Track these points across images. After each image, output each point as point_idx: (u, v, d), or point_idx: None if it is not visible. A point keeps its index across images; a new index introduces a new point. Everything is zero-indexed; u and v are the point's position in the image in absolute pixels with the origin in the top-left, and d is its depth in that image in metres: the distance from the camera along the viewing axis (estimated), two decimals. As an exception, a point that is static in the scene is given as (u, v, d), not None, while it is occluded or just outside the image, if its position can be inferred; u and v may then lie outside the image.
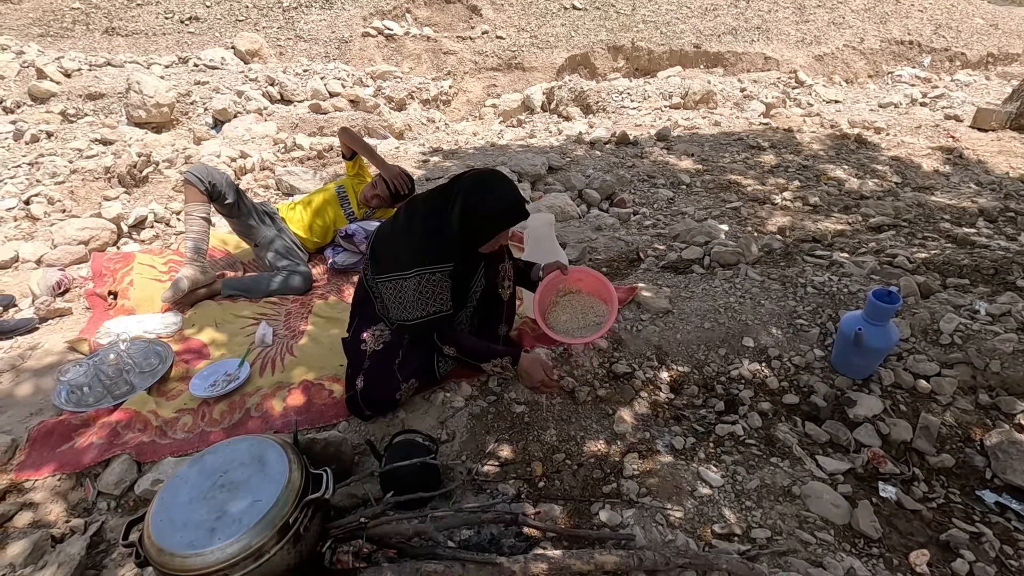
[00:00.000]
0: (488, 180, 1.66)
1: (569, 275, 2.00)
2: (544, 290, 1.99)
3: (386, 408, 1.81)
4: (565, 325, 1.99)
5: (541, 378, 1.79)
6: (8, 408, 1.90)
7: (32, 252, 2.89)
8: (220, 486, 1.19)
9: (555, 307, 2.06)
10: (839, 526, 1.52)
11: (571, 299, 2.06)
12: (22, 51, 7.11)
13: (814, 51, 8.70)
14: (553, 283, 2.00)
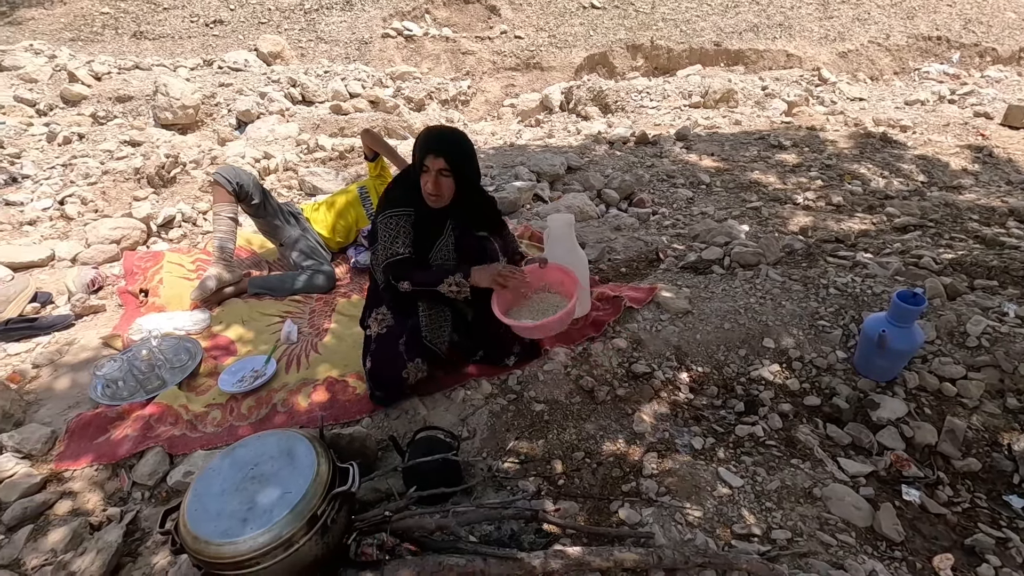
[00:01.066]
0: (436, 125, 1.82)
1: (547, 271, 1.93)
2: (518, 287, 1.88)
3: (394, 388, 1.86)
4: (520, 315, 1.91)
5: (494, 274, 1.74)
6: (47, 401, 1.98)
7: (67, 251, 2.99)
8: (251, 478, 1.24)
9: (525, 301, 1.96)
10: (861, 528, 1.51)
11: (543, 298, 1.97)
12: (54, 55, 7.33)
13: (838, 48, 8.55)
14: (531, 278, 1.92)
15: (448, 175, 1.72)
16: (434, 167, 1.71)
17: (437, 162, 1.70)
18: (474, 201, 1.90)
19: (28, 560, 1.43)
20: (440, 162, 1.70)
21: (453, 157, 1.71)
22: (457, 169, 1.73)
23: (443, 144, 1.72)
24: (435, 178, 1.71)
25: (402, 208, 1.80)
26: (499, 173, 4.02)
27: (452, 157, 1.71)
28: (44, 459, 1.73)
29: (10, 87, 6.17)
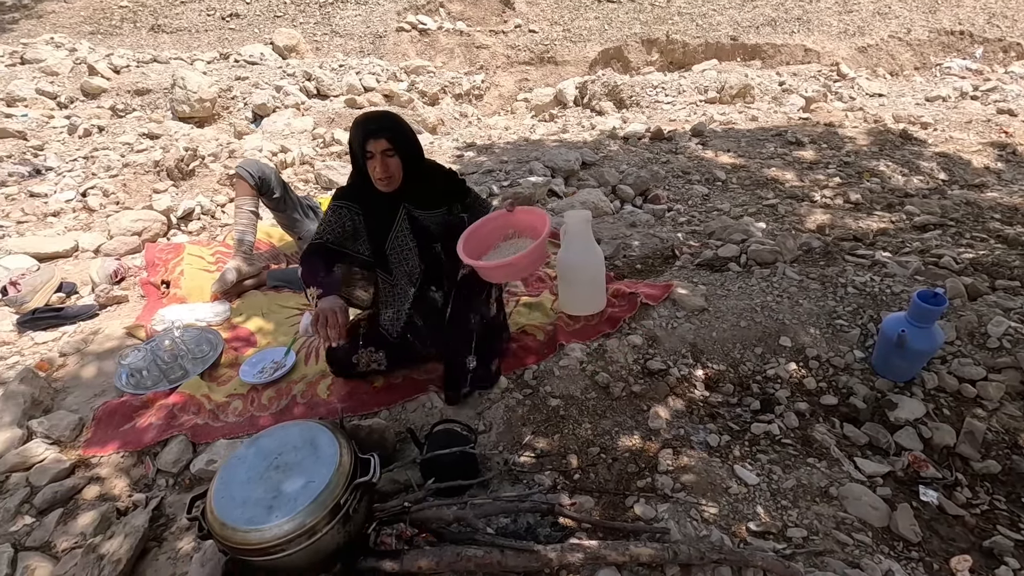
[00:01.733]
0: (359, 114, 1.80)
1: (515, 215, 1.87)
2: (488, 231, 1.87)
3: (344, 369, 1.97)
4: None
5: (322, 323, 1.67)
6: (74, 389, 2.03)
7: (90, 242, 3.04)
8: (276, 467, 1.27)
9: (494, 250, 1.91)
10: (877, 528, 1.51)
11: (512, 244, 1.91)
12: (75, 48, 7.43)
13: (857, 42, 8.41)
14: (499, 224, 1.88)
15: (392, 154, 1.72)
16: (377, 149, 1.71)
17: (379, 143, 1.70)
18: (425, 177, 1.88)
19: (59, 543, 1.48)
20: (382, 143, 1.70)
21: (394, 135, 1.72)
22: (400, 146, 1.73)
23: (380, 125, 1.72)
24: (381, 160, 1.71)
25: (349, 202, 1.84)
26: (514, 168, 4.03)
27: (392, 135, 1.72)
28: (72, 445, 1.78)
29: (32, 80, 6.27)
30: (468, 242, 1.78)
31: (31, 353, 2.25)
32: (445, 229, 1.90)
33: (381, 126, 1.72)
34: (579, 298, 2.19)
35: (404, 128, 1.78)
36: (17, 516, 1.54)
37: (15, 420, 1.79)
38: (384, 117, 1.77)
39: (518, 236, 1.92)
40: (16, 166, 3.96)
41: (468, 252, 1.74)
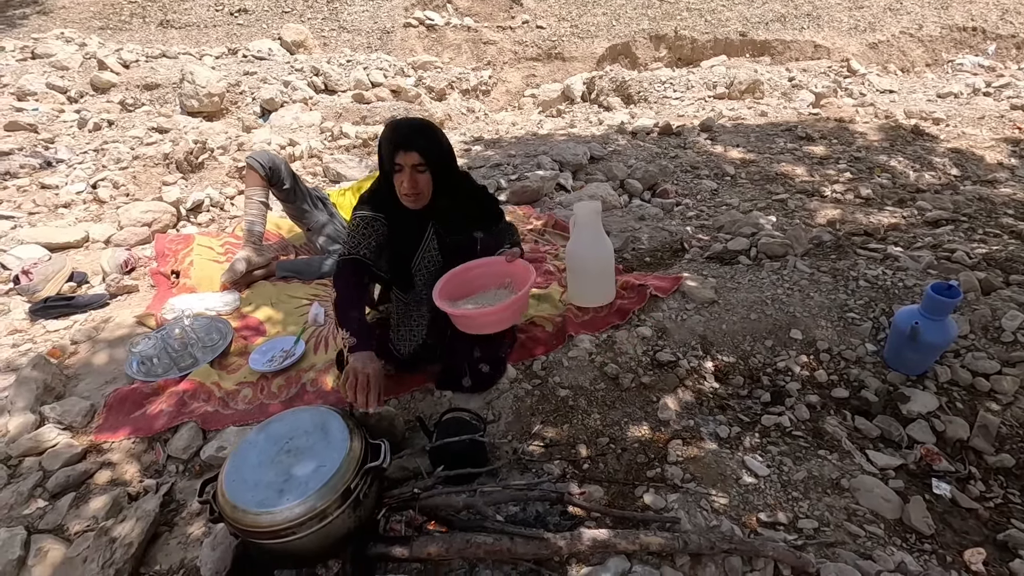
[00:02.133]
0: (392, 120, 1.68)
1: (512, 266, 1.78)
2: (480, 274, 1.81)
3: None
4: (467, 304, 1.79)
5: (351, 383, 1.49)
6: (86, 376, 2.04)
7: (101, 233, 3.06)
8: (287, 451, 1.27)
9: (482, 294, 1.85)
10: (889, 520, 1.49)
11: (499, 294, 1.85)
12: (84, 43, 7.47)
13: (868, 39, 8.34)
14: (496, 270, 1.81)
15: (424, 170, 1.60)
16: (407, 163, 1.58)
17: (410, 157, 1.57)
18: (457, 195, 1.75)
19: (71, 526, 1.49)
20: (413, 156, 1.57)
21: (427, 150, 1.58)
22: (433, 162, 1.60)
23: (414, 137, 1.58)
24: (410, 175, 1.58)
25: (377, 213, 1.70)
26: (521, 162, 4.02)
27: (426, 150, 1.58)
28: (84, 431, 1.79)
29: (43, 74, 6.31)
30: (447, 284, 1.72)
31: (43, 341, 2.27)
32: (469, 253, 1.81)
33: (414, 138, 1.58)
34: (588, 289, 2.18)
35: (439, 141, 1.64)
36: (30, 499, 1.55)
37: (28, 405, 1.80)
38: (419, 128, 1.62)
39: (511, 287, 1.84)
40: (28, 158, 3.99)
41: (450, 291, 1.70)
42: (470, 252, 1.82)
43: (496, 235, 1.88)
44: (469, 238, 1.82)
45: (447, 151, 1.68)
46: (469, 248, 1.82)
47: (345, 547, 1.27)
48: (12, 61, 6.74)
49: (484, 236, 1.84)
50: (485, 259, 1.80)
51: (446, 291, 1.74)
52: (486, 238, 1.85)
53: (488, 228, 1.88)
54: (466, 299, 1.81)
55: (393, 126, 1.62)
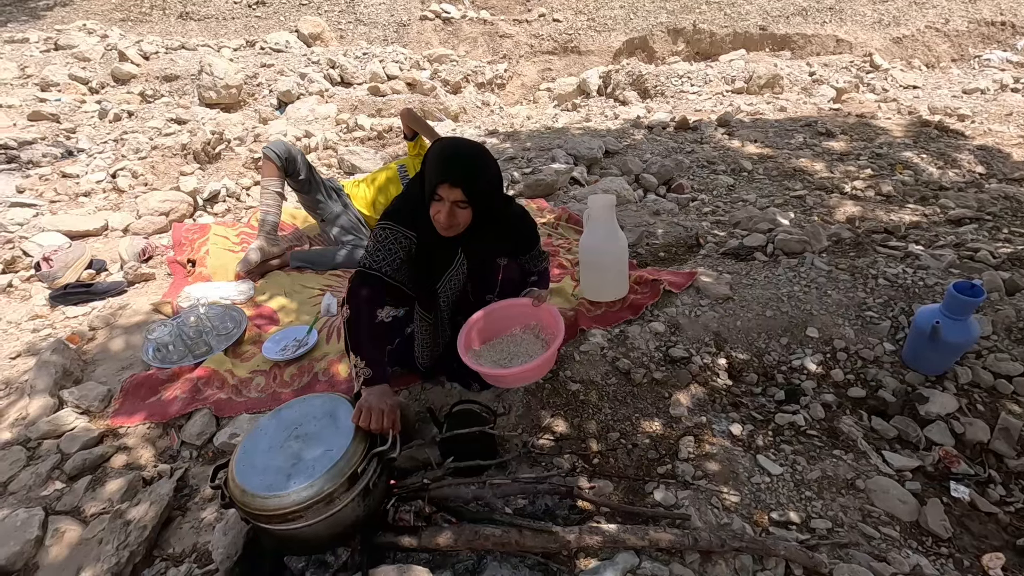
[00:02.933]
0: (457, 139, 1.55)
1: (539, 311, 1.72)
2: (506, 315, 1.75)
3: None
4: (493, 349, 1.75)
5: (366, 419, 1.29)
6: (103, 361, 2.07)
7: (120, 221, 3.11)
8: (296, 437, 1.28)
9: (507, 336, 1.79)
10: (905, 523, 1.47)
11: (522, 339, 1.78)
12: (106, 35, 7.57)
13: (892, 33, 8.15)
14: (523, 312, 1.75)
15: (465, 206, 1.45)
16: (449, 197, 1.42)
17: (453, 192, 1.41)
18: (496, 224, 1.62)
19: (87, 508, 1.51)
20: (457, 193, 1.41)
21: (472, 187, 1.43)
22: (476, 199, 1.45)
23: (462, 172, 1.42)
24: (449, 209, 1.44)
25: (404, 229, 1.54)
26: (536, 156, 4.00)
27: (471, 188, 1.42)
28: (101, 415, 1.82)
29: (65, 65, 6.41)
30: (474, 327, 1.68)
31: (63, 326, 2.31)
32: (493, 282, 1.75)
33: (462, 173, 1.42)
34: (601, 284, 2.16)
35: (488, 175, 1.48)
36: (48, 481, 1.58)
37: (47, 389, 1.83)
38: (470, 160, 1.46)
39: (537, 332, 1.77)
40: (50, 147, 4.06)
41: (476, 334, 1.68)
42: (491, 275, 1.74)
43: (522, 263, 1.80)
44: (492, 263, 1.73)
45: (494, 184, 1.53)
46: (492, 274, 1.73)
47: (354, 535, 1.27)
48: (36, 52, 6.85)
49: (508, 263, 1.74)
50: (510, 300, 1.73)
51: (469, 338, 1.67)
52: (509, 265, 1.75)
53: (516, 255, 1.78)
54: (490, 344, 1.74)
55: (443, 150, 1.47)
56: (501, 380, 1.69)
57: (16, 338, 2.25)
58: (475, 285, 1.76)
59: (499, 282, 1.77)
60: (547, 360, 1.61)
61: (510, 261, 1.77)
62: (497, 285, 1.78)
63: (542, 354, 1.61)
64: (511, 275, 1.78)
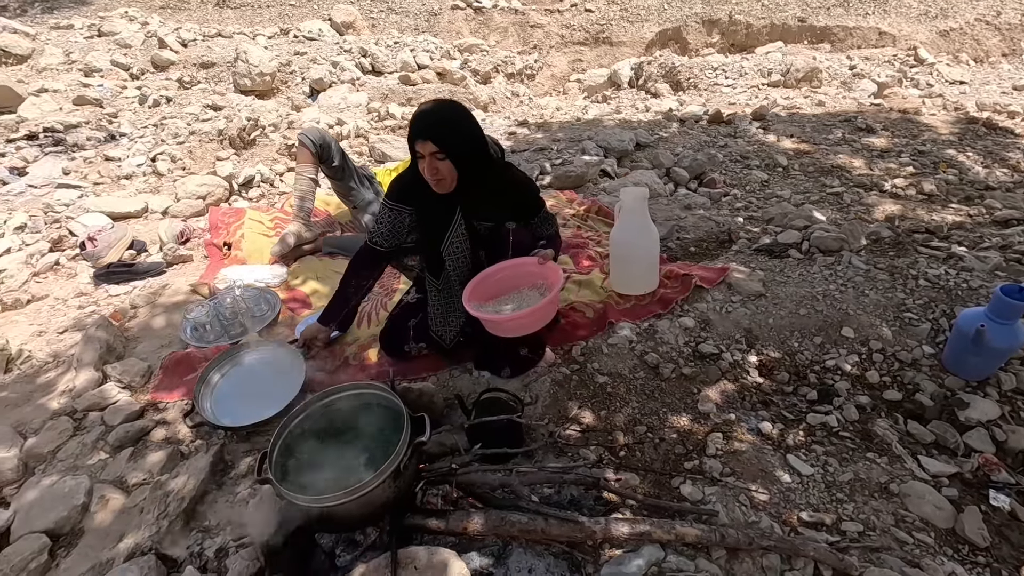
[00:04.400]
0: (428, 101, 1.66)
1: (544, 268, 1.75)
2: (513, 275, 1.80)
3: (395, 353, 1.95)
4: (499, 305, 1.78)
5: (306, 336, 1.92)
6: (144, 339, 2.15)
7: (159, 204, 3.20)
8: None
9: (515, 294, 1.83)
10: (941, 529, 1.43)
11: (528, 296, 1.81)
12: (146, 22, 7.75)
13: (939, 26, 7.84)
14: (530, 272, 1.79)
15: (443, 158, 1.58)
16: (424, 151, 1.57)
17: (426, 146, 1.56)
18: (487, 184, 1.72)
19: (129, 478, 1.58)
20: (429, 146, 1.55)
21: (443, 139, 1.55)
22: (452, 152, 1.58)
23: (429, 126, 1.56)
24: (430, 163, 1.58)
25: (402, 204, 1.76)
26: (566, 147, 3.97)
27: (441, 139, 1.55)
28: (142, 390, 1.89)
29: (108, 52, 6.59)
30: (480, 284, 1.75)
31: (106, 304, 2.39)
32: (495, 242, 1.80)
33: (429, 126, 1.56)
34: (631, 277, 2.15)
35: (459, 129, 1.60)
36: (93, 451, 1.65)
37: (93, 363, 1.91)
38: (437, 115, 1.59)
39: (543, 289, 1.80)
40: (94, 132, 4.19)
41: (480, 292, 1.73)
42: (501, 242, 1.79)
43: (530, 228, 1.85)
44: (501, 227, 1.79)
45: (470, 140, 1.63)
46: (500, 238, 1.79)
47: (383, 515, 1.30)
48: (80, 39, 7.06)
49: (516, 228, 1.80)
50: (517, 260, 1.78)
51: (477, 292, 1.74)
52: (518, 230, 1.81)
53: (523, 219, 1.84)
54: (497, 300, 1.79)
55: (418, 110, 1.61)
56: (498, 326, 1.70)
57: (63, 314, 2.34)
58: (488, 253, 1.83)
59: (510, 245, 1.79)
60: (541, 308, 1.65)
61: (518, 226, 1.82)
62: (509, 249, 1.80)
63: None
64: (521, 239, 1.82)
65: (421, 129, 1.56)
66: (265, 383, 1.76)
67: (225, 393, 1.78)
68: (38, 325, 2.28)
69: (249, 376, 1.81)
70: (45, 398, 1.86)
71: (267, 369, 1.83)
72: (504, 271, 1.79)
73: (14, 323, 2.30)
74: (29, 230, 2.84)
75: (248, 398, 1.72)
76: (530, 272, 1.79)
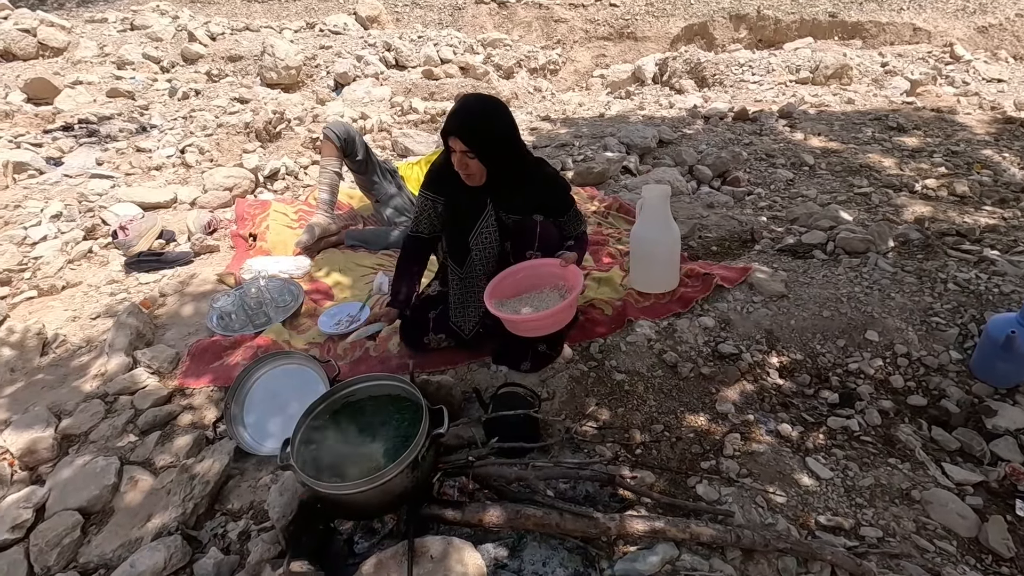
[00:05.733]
0: (467, 95, 1.73)
1: (566, 271, 1.75)
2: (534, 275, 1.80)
3: (414, 345, 1.96)
4: (517, 305, 1.78)
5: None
6: (172, 326, 2.21)
7: (187, 195, 3.27)
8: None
9: (535, 293, 1.82)
10: (964, 538, 1.41)
11: (548, 296, 1.81)
12: (177, 16, 7.90)
13: (977, 21, 7.59)
14: (552, 273, 1.79)
15: (472, 156, 1.62)
16: (456, 148, 1.62)
17: (456, 143, 1.60)
18: (517, 180, 1.74)
19: (157, 460, 1.63)
20: (459, 143, 1.60)
21: (472, 139, 1.59)
22: (480, 151, 1.61)
23: (460, 124, 1.59)
24: (460, 158, 1.63)
25: (435, 194, 1.83)
26: (588, 143, 3.96)
27: (471, 139, 1.59)
28: (170, 376, 1.94)
29: (140, 45, 6.74)
30: (504, 280, 1.77)
31: (136, 291, 2.47)
32: (523, 235, 1.81)
33: (459, 125, 1.60)
34: (651, 275, 2.14)
35: (490, 128, 1.63)
36: (123, 433, 1.71)
37: (124, 348, 1.97)
38: (469, 113, 1.62)
39: (563, 291, 1.80)
40: (126, 123, 4.30)
41: (503, 290, 1.75)
42: (527, 234, 1.80)
43: (559, 225, 1.86)
44: (529, 220, 1.81)
45: (501, 139, 1.66)
46: (528, 231, 1.80)
47: (401, 505, 1.32)
48: (114, 32, 7.23)
49: (544, 221, 1.81)
50: (540, 260, 1.80)
51: (498, 289, 1.76)
52: (546, 223, 1.82)
53: (552, 215, 1.85)
54: (518, 298, 1.80)
55: (455, 105, 1.66)
56: (515, 326, 1.72)
57: (96, 300, 2.42)
58: (514, 243, 1.84)
59: (537, 237, 1.80)
60: (559, 311, 1.66)
61: (546, 220, 1.82)
62: (536, 241, 1.80)
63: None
64: (548, 234, 1.82)
65: (453, 127, 1.61)
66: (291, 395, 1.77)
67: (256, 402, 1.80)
68: (72, 310, 2.37)
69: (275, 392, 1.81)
70: (79, 381, 1.93)
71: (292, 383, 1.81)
72: (526, 271, 1.80)
73: (50, 308, 2.39)
74: (64, 218, 2.94)
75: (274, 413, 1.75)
76: (552, 273, 1.80)
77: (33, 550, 1.37)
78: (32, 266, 2.61)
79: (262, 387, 1.79)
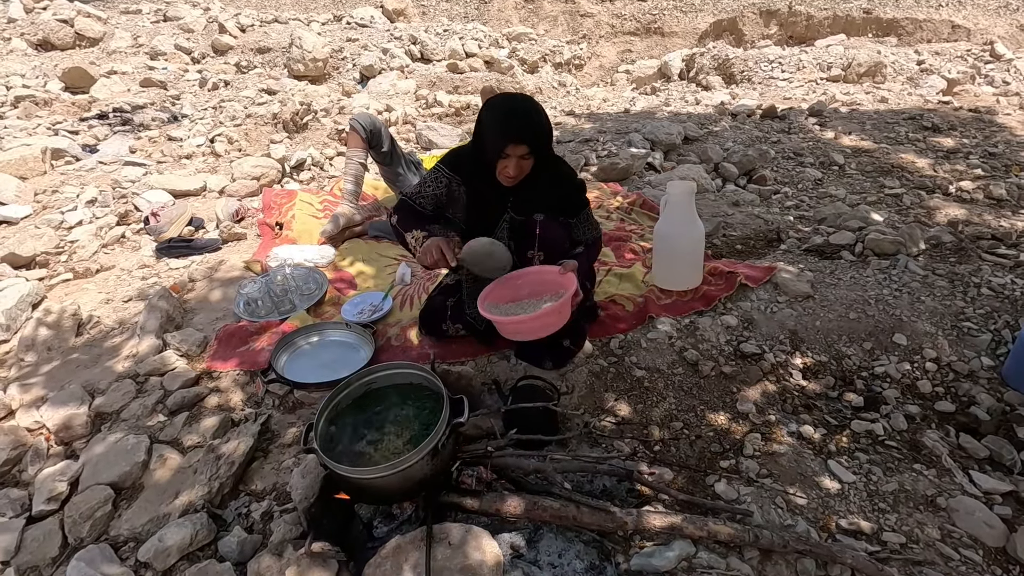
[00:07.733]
0: (507, 96, 1.67)
1: (564, 278, 1.68)
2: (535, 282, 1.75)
3: (433, 332, 1.99)
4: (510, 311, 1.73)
5: (424, 255, 1.65)
6: (200, 311, 2.26)
7: (216, 183, 3.34)
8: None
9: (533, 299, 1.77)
10: (990, 548, 1.38)
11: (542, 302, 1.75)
12: (208, 7, 8.05)
13: (1020, 19, 7.33)
14: (551, 280, 1.73)
15: (529, 157, 1.61)
16: (516, 154, 1.57)
17: (518, 148, 1.56)
18: (544, 179, 1.74)
19: (185, 440, 1.68)
20: (522, 149, 1.56)
21: (536, 141, 1.58)
22: (538, 152, 1.61)
23: (525, 128, 1.56)
24: (516, 163, 1.59)
25: (454, 175, 1.74)
26: (612, 139, 3.93)
27: (535, 142, 1.57)
28: (198, 359, 1.99)
29: (172, 36, 6.89)
30: (501, 285, 1.72)
31: (166, 276, 2.53)
32: (531, 237, 1.75)
33: (527, 131, 1.56)
34: (674, 272, 2.12)
35: (546, 127, 1.62)
36: (153, 413, 1.76)
37: (155, 331, 2.03)
38: (530, 117, 1.58)
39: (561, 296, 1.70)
40: (158, 112, 4.40)
41: (500, 295, 1.71)
42: (529, 234, 1.75)
43: (568, 227, 1.81)
44: (530, 220, 1.75)
45: (550, 132, 1.66)
46: (528, 231, 1.75)
47: (420, 491, 1.34)
48: (147, 23, 7.40)
49: (544, 221, 1.73)
50: (541, 267, 1.75)
51: (496, 294, 1.72)
52: (547, 224, 1.74)
53: (562, 213, 1.80)
54: (516, 303, 1.76)
55: (505, 113, 1.59)
56: (502, 327, 1.68)
57: (128, 284, 2.49)
58: (516, 243, 1.79)
59: (537, 238, 1.73)
60: (544, 315, 1.59)
61: (547, 219, 1.73)
62: (536, 242, 1.73)
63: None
64: (550, 235, 1.74)
65: (517, 131, 1.55)
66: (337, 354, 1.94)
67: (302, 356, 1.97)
68: (106, 293, 2.44)
69: (323, 349, 1.98)
70: (111, 361, 1.99)
71: (341, 344, 2.00)
72: (526, 277, 1.76)
73: (84, 290, 2.46)
74: (99, 204, 3.03)
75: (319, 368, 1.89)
76: (553, 281, 1.74)
77: (67, 521, 1.43)
78: (68, 249, 2.70)
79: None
